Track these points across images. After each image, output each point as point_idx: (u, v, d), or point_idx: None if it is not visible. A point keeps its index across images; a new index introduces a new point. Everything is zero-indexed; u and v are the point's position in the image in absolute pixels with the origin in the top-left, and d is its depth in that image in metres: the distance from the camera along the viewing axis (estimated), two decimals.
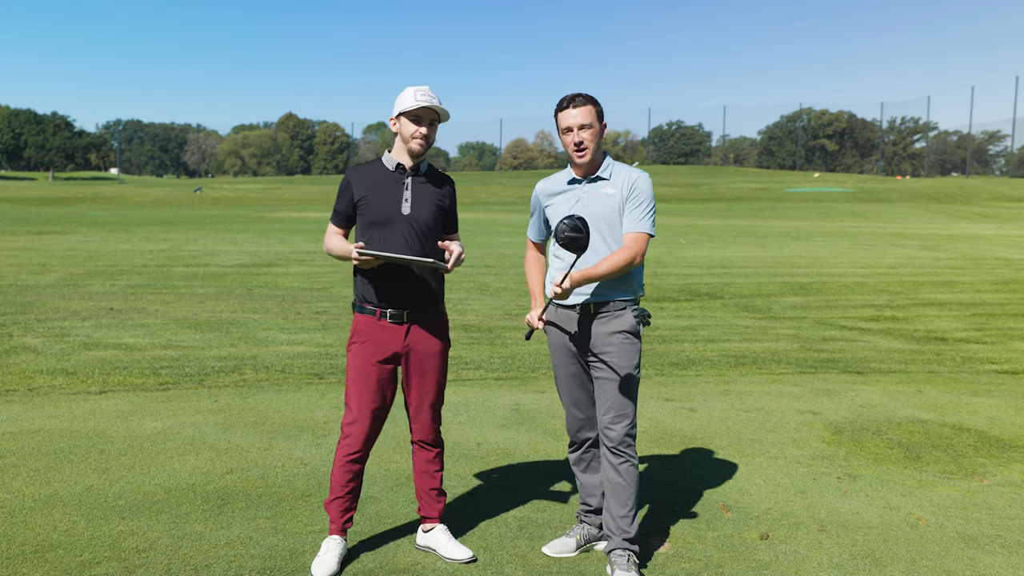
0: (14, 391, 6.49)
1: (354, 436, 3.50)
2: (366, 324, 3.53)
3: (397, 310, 3.51)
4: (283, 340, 8.81)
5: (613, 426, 3.47)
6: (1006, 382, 7.57)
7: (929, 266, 17.25)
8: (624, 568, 3.40)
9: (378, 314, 3.51)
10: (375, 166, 3.57)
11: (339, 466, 3.53)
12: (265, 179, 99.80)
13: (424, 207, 3.54)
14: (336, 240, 3.57)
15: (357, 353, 3.53)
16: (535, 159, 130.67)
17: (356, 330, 3.55)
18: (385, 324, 3.51)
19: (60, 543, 3.64)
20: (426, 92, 3.47)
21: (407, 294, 3.52)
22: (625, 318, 3.50)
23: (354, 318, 3.59)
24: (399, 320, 3.51)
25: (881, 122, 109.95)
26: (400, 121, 3.49)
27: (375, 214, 3.48)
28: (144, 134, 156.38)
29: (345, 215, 3.56)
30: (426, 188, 3.57)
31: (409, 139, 3.48)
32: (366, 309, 3.53)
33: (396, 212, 3.48)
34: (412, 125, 3.47)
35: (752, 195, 53.77)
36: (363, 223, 3.51)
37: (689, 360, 8.24)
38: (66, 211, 38.31)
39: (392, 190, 3.50)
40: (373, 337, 3.51)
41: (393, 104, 3.54)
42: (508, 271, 15.52)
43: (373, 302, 3.51)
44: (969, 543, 3.83)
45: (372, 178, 3.53)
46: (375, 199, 3.48)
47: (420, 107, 3.43)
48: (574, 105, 3.46)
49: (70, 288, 12.53)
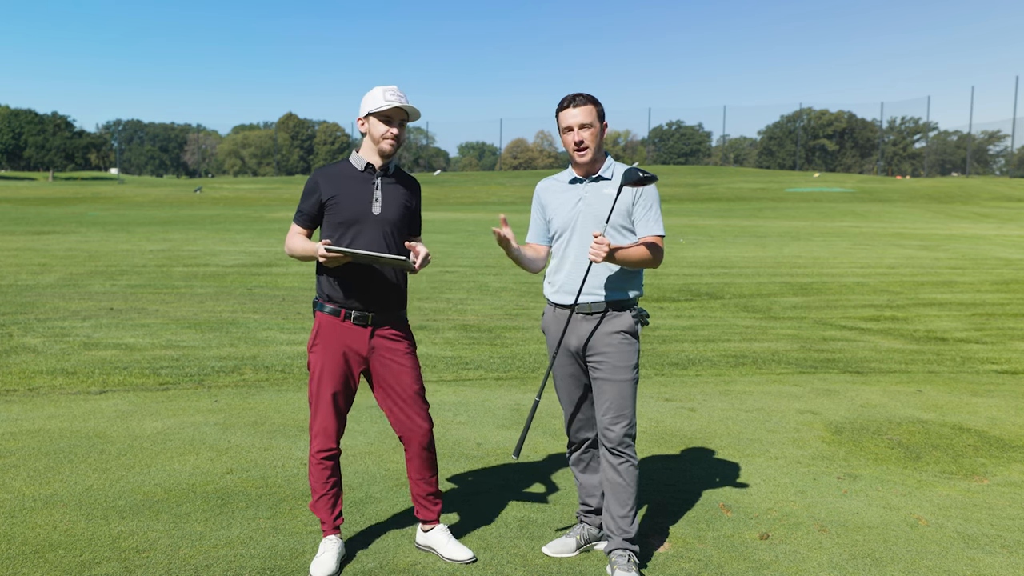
0: (14, 391, 6.49)
1: (323, 435, 3.50)
2: (329, 324, 3.49)
3: (361, 312, 3.47)
4: (283, 340, 8.81)
5: (612, 426, 3.47)
6: (1006, 382, 7.57)
7: (929, 266, 17.25)
8: (624, 568, 3.40)
9: (342, 315, 3.47)
10: (343, 166, 3.54)
11: (314, 465, 3.52)
12: (265, 179, 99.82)
13: (393, 207, 3.51)
14: (299, 240, 3.51)
15: (321, 354, 3.49)
16: (535, 159, 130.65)
17: (319, 330, 3.51)
18: (348, 325, 3.47)
19: (60, 543, 3.64)
20: (395, 91, 3.44)
21: (373, 295, 3.48)
22: (623, 318, 3.50)
23: (316, 317, 3.54)
24: (363, 322, 3.48)
25: (881, 122, 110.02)
26: (369, 121, 3.46)
27: (345, 213, 3.45)
28: (144, 134, 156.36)
29: (310, 215, 3.50)
30: (395, 188, 3.55)
31: (380, 139, 3.46)
32: (328, 308, 3.50)
33: (367, 212, 3.46)
34: (383, 125, 3.44)
35: (752, 195, 53.77)
36: (331, 223, 3.47)
37: (689, 360, 8.24)
38: (66, 211, 38.31)
39: (362, 190, 3.48)
40: (336, 337, 3.48)
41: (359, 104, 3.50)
42: (508, 271, 15.52)
43: (338, 301, 3.47)
44: (969, 543, 3.83)
45: (341, 178, 3.49)
46: (345, 199, 3.45)
47: (391, 107, 3.40)
48: (575, 104, 3.46)
49: (70, 288, 12.53)
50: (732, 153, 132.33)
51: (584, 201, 3.54)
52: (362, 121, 3.49)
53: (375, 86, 3.48)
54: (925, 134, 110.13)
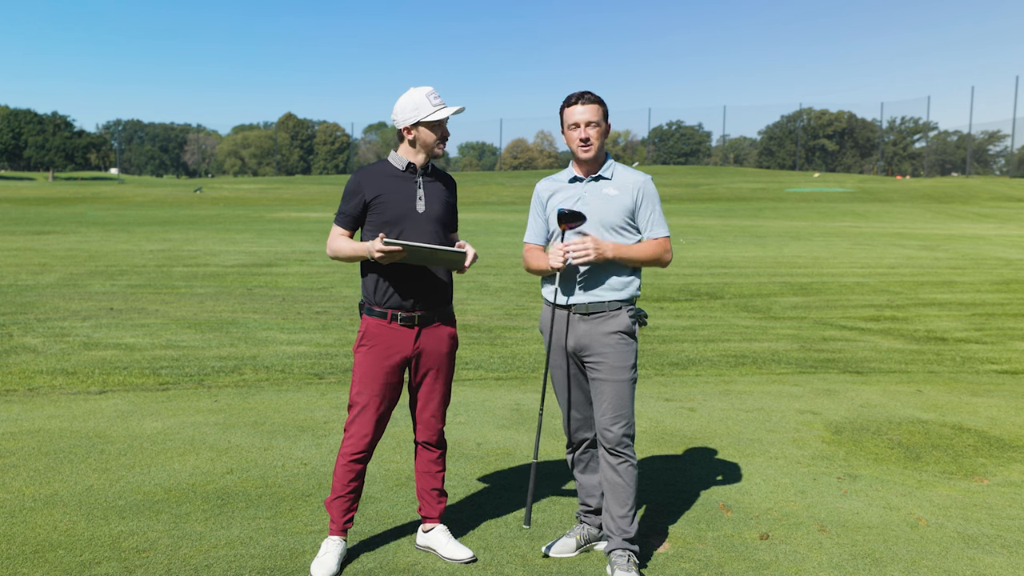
0: (14, 391, 6.49)
1: (358, 437, 3.50)
2: (376, 327, 3.52)
3: (408, 313, 3.50)
4: (283, 340, 8.81)
5: (611, 427, 3.47)
6: (1006, 382, 7.57)
7: (929, 266, 17.25)
8: (624, 568, 3.40)
9: (389, 316, 3.50)
10: (383, 166, 3.57)
11: (341, 465, 3.53)
12: (265, 179, 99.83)
13: (437, 204, 3.57)
14: (344, 241, 3.54)
15: (367, 356, 3.52)
16: (535, 159, 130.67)
17: (366, 332, 3.54)
18: (396, 327, 3.51)
19: (60, 543, 3.64)
20: (438, 95, 3.48)
21: (419, 295, 3.51)
22: (620, 318, 3.50)
23: (363, 320, 3.58)
24: (410, 323, 3.51)
25: (881, 122, 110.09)
26: (419, 130, 3.48)
27: (390, 212, 3.48)
28: (144, 134, 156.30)
29: (353, 216, 3.52)
30: (436, 186, 3.60)
31: (433, 146, 3.51)
32: (375, 312, 3.52)
33: (411, 210, 3.50)
34: (434, 133, 3.49)
35: (752, 195, 53.77)
36: (376, 223, 3.49)
37: (689, 360, 8.24)
38: (66, 211, 38.32)
39: (406, 189, 3.52)
40: (383, 340, 3.50)
41: (394, 106, 3.51)
42: (508, 271, 15.52)
43: (383, 304, 3.50)
44: (969, 543, 3.83)
45: (383, 178, 3.52)
46: (390, 198, 3.49)
47: (445, 117, 3.46)
48: (583, 102, 3.47)
49: (70, 288, 12.53)
50: (732, 153, 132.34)
51: (583, 201, 3.54)
52: (409, 129, 3.49)
53: (410, 88, 3.49)
54: (925, 134, 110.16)
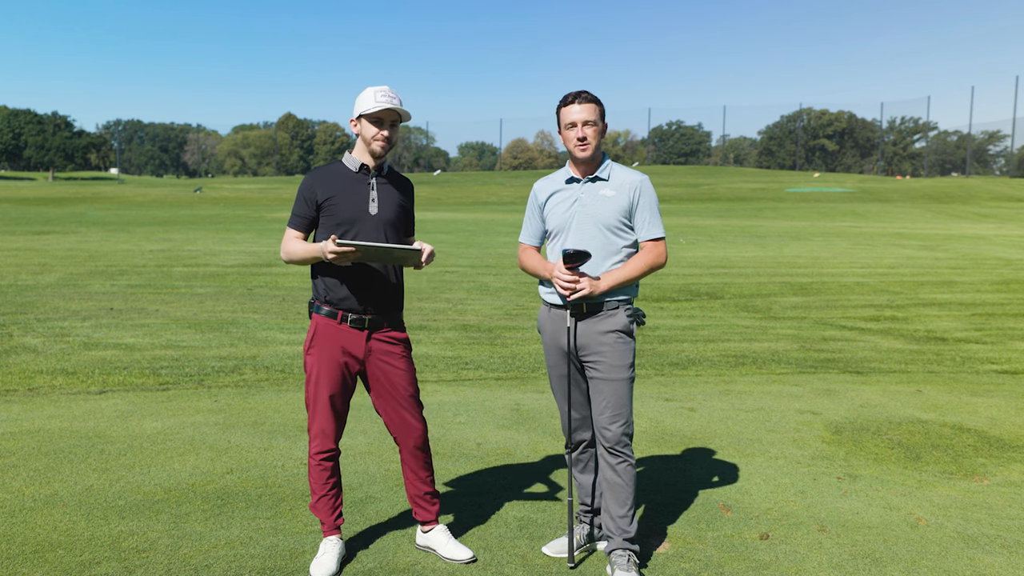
0: (14, 391, 6.49)
1: (321, 436, 3.50)
2: (325, 327, 3.49)
3: (358, 315, 3.47)
4: (283, 340, 8.81)
5: (610, 426, 3.47)
6: (1006, 382, 7.57)
7: (929, 266, 17.25)
8: (624, 568, 3.40)
9: (339, 317, 3.47)
10: (337, 167, 3.54)
11: (314, 466, 3.52)
12: (265, 179, 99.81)
13: (390, 207, 3.53)
14: (298, 243, 3.49)
15: (318, 356, 3.49)
16: (535, 159, 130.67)
17: (316, 332, 3.51)
18: (345, 328, 3.47)
19: (60, 543, 3.64)
20: (386, 92, 3.44)
21: (370, 297, 3.47)
22: (618, 317, 3.50)
23: (312, 320, 3.54)
24: (360, 325, 3.47)
25: (881, 122, 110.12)
26: (361, 123, 3.46)
27: (343, 214, 3.44)
28: (144, 134, 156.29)
29: (307, 218, 3.49)
30: (389, 189, 3.56)
31: (371, 141, 3.46)
32: (324, 310, 3.49)
33: (364, 212, 3.46)
34: (373, 127, 3.44)
35: (752, 195, 53.76)
36: (328, 224, 3.45)
37: (689, 360, 8.24)
38: (66, 211, 38.32)
39: (358, 190, 3.48)
40: (333, 339, 3.47)
41: (353, 104, 3.50)
42: (508, 271, 15.52)
43: (334, 303, 3.47)
44: (969, 543, 3.83)
45: (336, 179, 3.49)
46: (342, 200, 3.45)
47: (381, 109, 3.40)
48: (579, 101, 3.46)
49: (70, 288, 12.53)
50: (732, 153, 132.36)
51: (580, 202, 3.53)
52: (354, 122, 3.49)
53: (367, 87, 3.48)
54: (925, 134, 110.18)
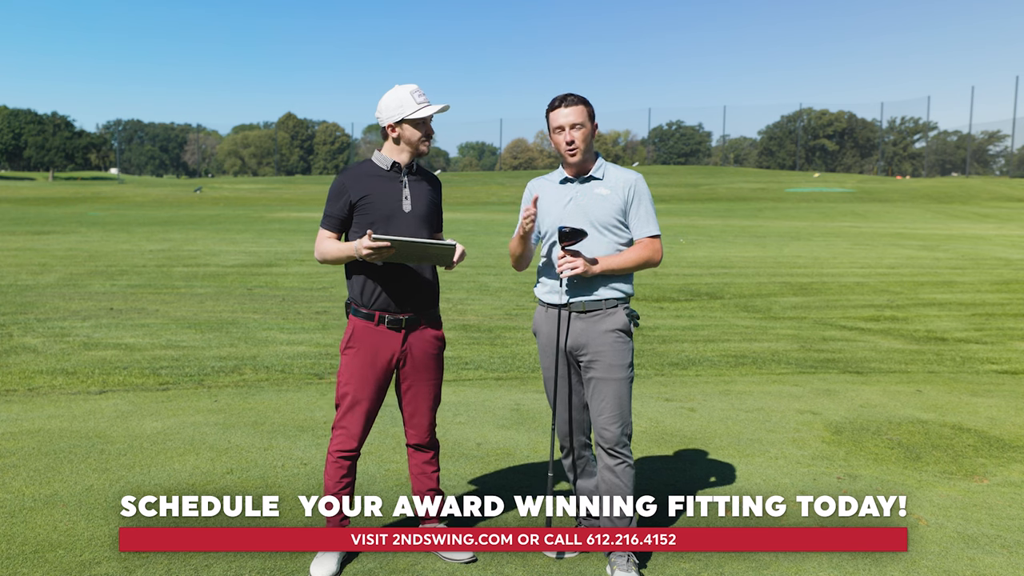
0: (14, 391, 6.49)
1: (347, 435, 3.51)
2: (363, 329, 3.51)
3: (394, 316, 3.49)
4: (283, 340, 8.81)
5: (609, 426, 3.46)
6: (1006, 382, 7.57)
7: (929, 266, 17.25)
8: (624, 568, 3.40)
9: (376, 319, 3.49)
10: (367, 166, 3.55)
11: (331, 462, 3.53)
12: (265, 179, 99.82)
13: (422, 203, 3.55)
14: (331, 243, 3.50)
15: (354, 357, 3.51)
16: (535, 159, 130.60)
17: (353, 334, 3.53)
18: (383, 329, 3.49)
19: (60, 543, 3.64)
20: (422, 93, 3.45)
21: (406, 297, 3.50)
22: (617, 317, 3.49)
23: (349, 321, 3.56)
24: (396, 326, 3.50)
25: (881, 122, 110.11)
26: (403, 127, 3.46)
27: (376, 212, 3.46)
28: (144, 134, 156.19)
29: (340, 218, 3.50)
30: (421, 185, 3.58)
31: (418, 144, 3.49)
32: (362, 313, 3.51)
33: (398, 209, 3.48)
34: (418, 131, 3.47)
35: (752, 195, 53.76)
36: (363, 223, 3.47)
37: (689, 360, 8.23)
38: (66, 211, 38.32)
39: (391, 188, 3.50)
40: (370, 342, 3.49)
41: (379, 103, 3.48)
42: (508, 271, 15.51)
43: (370, 305, 3.49)
44: (969, 543, 3.83)
45: (368, 178, 3.50)
46: (376, 198, 3.47)
47: (429, 115, 3.44)
48: (566, 104, 3.46)
49: (70, 288, 12.53)
50: (732, 153, 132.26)
51: (575, 202, 3.53)
52: (393, 127, 3.47)
53: (395, 85, 3.47)
54: (925, 134, 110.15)
